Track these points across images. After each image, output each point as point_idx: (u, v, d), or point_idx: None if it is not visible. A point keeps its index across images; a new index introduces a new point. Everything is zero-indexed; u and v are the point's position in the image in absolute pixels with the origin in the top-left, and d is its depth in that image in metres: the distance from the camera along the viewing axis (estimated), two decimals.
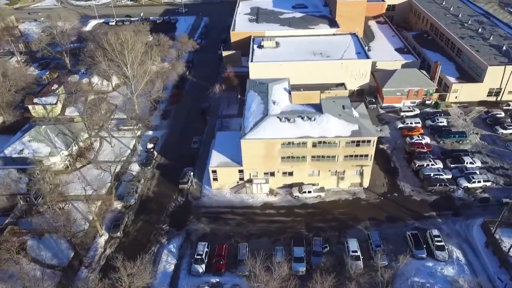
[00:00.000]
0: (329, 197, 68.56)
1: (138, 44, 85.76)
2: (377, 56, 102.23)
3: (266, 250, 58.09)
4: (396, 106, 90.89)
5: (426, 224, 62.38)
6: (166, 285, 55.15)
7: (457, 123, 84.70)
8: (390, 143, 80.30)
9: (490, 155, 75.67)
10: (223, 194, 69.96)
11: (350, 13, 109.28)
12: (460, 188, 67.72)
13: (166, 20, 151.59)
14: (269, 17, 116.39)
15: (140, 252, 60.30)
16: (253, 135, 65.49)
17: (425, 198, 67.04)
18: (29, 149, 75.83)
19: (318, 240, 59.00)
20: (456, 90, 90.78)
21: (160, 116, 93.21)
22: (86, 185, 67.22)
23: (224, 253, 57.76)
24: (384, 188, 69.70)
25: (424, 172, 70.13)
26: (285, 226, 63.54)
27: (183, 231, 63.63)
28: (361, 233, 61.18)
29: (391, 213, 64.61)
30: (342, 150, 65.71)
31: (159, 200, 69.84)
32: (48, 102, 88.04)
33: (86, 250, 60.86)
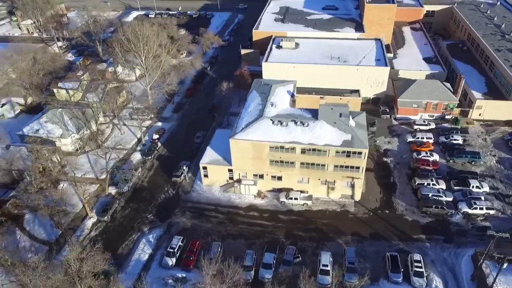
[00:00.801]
0: (316, 206, 66.72)
1: (153, 37, 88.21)
2: (402, 64, 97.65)
3: (238, 252, 58.14)
4: (412, 118, 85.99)
5: (411, 247, 58.72)
6: (137, 273, 56.79)
7: (475, 142, 78.48)
8: (395, 156, 76.33)
9: (504, 180, 69.36)
10: (213, 191, 70.54)
11: (379, 18, 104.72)
12: (459, 213, 62.91)
13: (202, 15, 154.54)
14: (296, 18, 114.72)
15: (121, 238, 63.01)
16: (242, 135, 65.29)
17: (418, 219, 63.05)
18: (44, 130, 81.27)
19: (291, 248, 57.78)
20: (480, 106, 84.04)
21: (172, 108, 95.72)
22: (88, 169, 71.10)
23: (196, 250, 58.41)
24: (377, 204, 66.50)
25: (422, 191, 65.96)
26: (264, 230, 62.87)
27: (165, 223, 65.16)
28: (339, 247, 58.97)
29: (377, 231, 61.58)
30: (332, 160, 63.58)
31: (151, 190, 71.96)
32: (70, 87, 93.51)
33: (74, 230, 64.37)
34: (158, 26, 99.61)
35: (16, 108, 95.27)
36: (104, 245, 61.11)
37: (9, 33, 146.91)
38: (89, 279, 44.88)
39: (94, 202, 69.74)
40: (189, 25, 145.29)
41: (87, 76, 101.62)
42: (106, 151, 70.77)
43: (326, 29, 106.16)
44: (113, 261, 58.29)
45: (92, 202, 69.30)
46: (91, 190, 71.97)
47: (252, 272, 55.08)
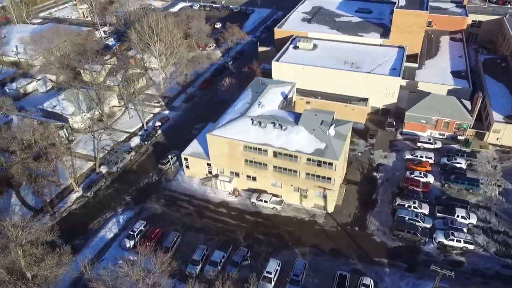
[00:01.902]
0: (285, 211, 65.41)
1: (166, 29, 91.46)
2: (424, 75, 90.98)
3: (194, 245, 59.27)
4: (419, 134, 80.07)
5: (368, 269, 55.38)
6: (97, 250, 60.31)
7: (482, 168, 71.19)
8: (387, 172, 71.91)
9: (500, 215, 62.27)
10: (192, 182, 72.16)
11: (408, 25, 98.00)
12: (433, 242, 57.89)
13: (243, 10, 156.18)
14: (324, 19, 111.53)
15: (96, 214, 67.17)
16: (219, 131, 65.87)
17: (386, 242, 59.14)
18: (60, 106, 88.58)
19: (242, 250, 57.52)
20: (498, 130, 75.78)
21: (184, 99, 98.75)
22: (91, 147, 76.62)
23: (154, 237, 60.45)
24: (349, 219, 63.45)
25: (399, 213, 61.67)
26: (227, 228, 63.14)
27: (139, 206, 68.13)
28: (293, 257, 57.44)
29: (338, 247, 58.89)
30: (303, 167, 61.79)
31: (138, 174, 75.45)
32: (94, 69, 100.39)
33: (59, 201, 69.87)
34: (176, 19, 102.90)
35: (48, 84, 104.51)
36: (80, 218, 66.11)
37: (67, 16, 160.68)
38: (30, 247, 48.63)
39: (84, 178, 74.91)
40: (228, 18, 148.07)
41: (113, 60, 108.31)
42: (100, 132, 75.28)
43: (351, 32, 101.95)
44: (83, 235, 63.13)
45: (82, 178, 74.48)
46: (86, 167, 77.42)
47: (199, 266, 55.80)
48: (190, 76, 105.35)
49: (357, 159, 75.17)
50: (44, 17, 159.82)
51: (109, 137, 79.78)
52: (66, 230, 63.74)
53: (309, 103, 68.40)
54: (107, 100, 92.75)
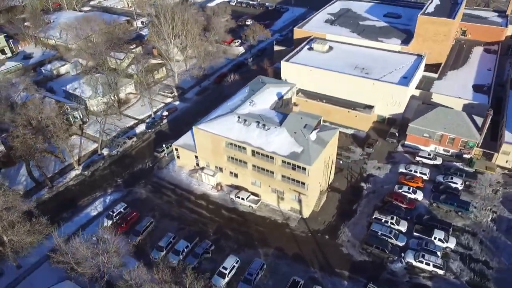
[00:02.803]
0: (261, 211, 65.66)
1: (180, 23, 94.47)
2: (442, 87, 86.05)
3: (163, 232, 61.68)
4: (422, 148, 76.01)
5: (325, 279, 54.25)
6: (78, 225, 64.69)
7: (481, 191, 66.26)
8: (376, 184, 69.37)
9: (485, 243, 57.77)
10: (181, 172, 74.61)
11: (432, 33, 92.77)
12: (402, 262, 55.26)
13: (277, 8, 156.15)
14: (348, 21, 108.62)
15: (88, 192, 71.89)
16: (205, 126, 67.47)
17: (353, 254, 57.40)
18: (80, 89, 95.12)
19: (206, 243, 58.83)
20: (508, 152, 69.88)
21: (197, 91, 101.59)
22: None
23: (130, 220, 63.66)
24: (322, 226, 62.30)
25: (373, 227, 59.48)
26: (200, 220, 64.77)
27: (127, 189, 71.86)
28: (254, 256, 57.71)
29: (302, 253, 58.18)
30: (279, 169, 61.59)
31: (135, 159, 79.41)
32: (117, 57, 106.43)
33: (60, 176, 75.64)
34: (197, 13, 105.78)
35: (78, 68, 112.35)
36: (73, 194, 71.24)
37: (114, 5, 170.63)
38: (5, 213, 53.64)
39: (88, 157, 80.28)
40: (261, 16, 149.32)
41: (139, 50, 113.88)
42: (103, 117, 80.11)
43: (371, 37, 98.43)
44: (71, 210, 68.07)
45: (86, 158, 79.92)
46: (92, 147, 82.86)
47: (163, 253, 58.04)
48: (207, 70, 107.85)
49: (348, 167, 73.20)
50: (93, 5, 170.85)
51: (112, 122, 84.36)
52: (59, 203, 69.54)
53: (296, 105, 67.64)
54: (123, 87, 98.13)
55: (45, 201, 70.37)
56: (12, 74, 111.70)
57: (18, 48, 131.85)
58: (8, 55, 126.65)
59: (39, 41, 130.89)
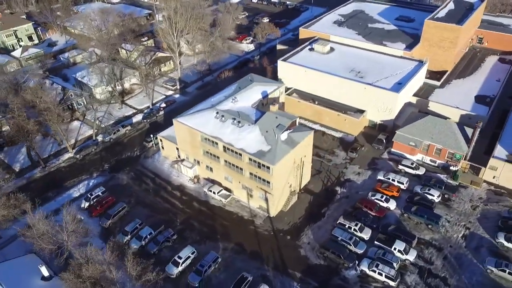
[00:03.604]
0: (230, 206, 66.66)
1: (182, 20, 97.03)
2: (443, 96, 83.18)
3: (134, 218, 64.29)
4: (409, 157, 73.70)
5: (276, 278, 54.44)
6: (60, 204, 68.40)
7: (459, 206, 63.53)
8: (351, 190, 68.29)
9: (450, 259, 55.48)
10: (164, 163, 77.03)
11: (438, 39, 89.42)
12: (356, 270, 54.39)
13: (297, 7, 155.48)
14: (357, 23, 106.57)
15: (76, 174, 75.98)
16: (184, 119, 69.30)
17: (310, 257, 57.11)
18: (87, 77, 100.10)
19: (168, 232, 60.71)
20: (495, 167, 66.34)
21: (198, 86, 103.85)
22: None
23: (105, 204, 66.74)
24: (286, 227, 62.36)
25: (334, 232, 58.87)
26: (171, 209, 66.73)
27: (111, 175, 75.24)
28: (214, 249, 58.87)
29: (260, 250, 58.63)
30: (246, 166, 62.27)
31: (125, 147, 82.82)
32: (127, 48, 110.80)
33: (54, 158, 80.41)
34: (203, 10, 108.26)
35: (93, 57, 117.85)
36: (62, 175, 75.59)
37: None
38: None
39: (83, 142, 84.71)
40: (279, 14, 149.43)
41: (150, 42, 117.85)
42: (97, 105, 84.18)
43: (376, 40, 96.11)
44: (56, 190, 72.32)
45: (81, 142, 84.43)
46: (89, 133, 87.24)
47: (127, 237, 60.60)
48: (213, 65, 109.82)
49: (327, 170, 72.49)
50: None
51: (106, 110, 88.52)
52: (48, 182, 74.10)
53: (274, 105, 67.62)
54: (128, 77, 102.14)
55: (36, 179, 75.25)
56: (33, 60, 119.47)
57: (46, 36, 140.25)
58: (35, 42, 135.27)
59: (65, 30, 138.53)
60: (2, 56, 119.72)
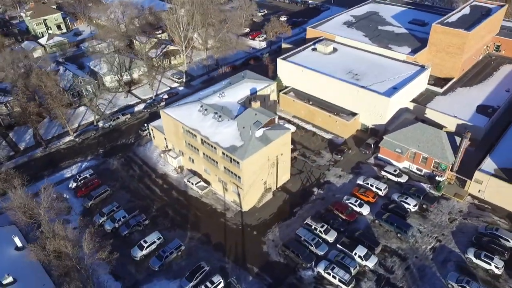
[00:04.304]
0: (207, 198, 68.22)
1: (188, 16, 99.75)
2: (444, 104, 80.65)
3: (113, 201, 67.49)
4: (395, 164, 71.93)
5: (234, 270, 55.41)
6: (52, 182, 72.39)
7: (436, 217, 61.46)
8: (328, 192, 67.79)
9: (412, 270, 53.98)
10: (154, 151, 79.83)
11: (446, 44, 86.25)
12: (313, 271, 54.26)
13: (318, 7, 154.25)
14: (367, 25, 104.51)
15: (72, 156, 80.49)
16: (170, 110, 71.59)
17: (271, 254, 57.53)
18: (99, 66, 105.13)
19: (140, 216, 63.22)
20: (480, 181, 63.43)
21: (203, 80, 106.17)
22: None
23: (90, 186, 70.34)
24: (255, 222, 63.05)
25: (298, 231, 58.98)
26: (149, 196, 69.16)
27: (103, 159, 79.05)
28: (182, 237, 60.70)
29: (225, 242, 59.74)
30: (220, 160, 63.53)
31: (121, 134, 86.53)
32: (140, 40, 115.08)
33: (56, 140, 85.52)
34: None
35: (110, 47, 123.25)
36: (60, 156, 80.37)
37: None
38: None
39: (86, 126, 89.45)
40: (298, 13, 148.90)
41: (164, 35, 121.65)
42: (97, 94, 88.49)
43: (381, 43, 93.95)
44: (52, 169, 77.05)
45: (84, 127, 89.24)
46: (92, 119, 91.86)
47: (103, 218, 63.78)
48: (221, 61, 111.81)
49: (309, 171, 72.30)
50: None
51: (106, 98, 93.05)
52: (46, 162, 79.11)
53: (256, 101, 68.00)
54: (137, 68, 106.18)
55: (36, 158, 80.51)
56: (57, 48, 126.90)
57: (73, 26, 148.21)
58: (63, 31, 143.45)
59: (91, 21, 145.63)
60: (29, 42, 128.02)
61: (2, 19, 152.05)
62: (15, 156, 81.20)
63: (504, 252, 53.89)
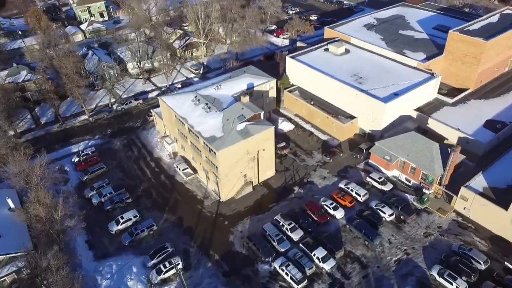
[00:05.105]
0: (191, 185, 70.91)
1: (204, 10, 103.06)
2: (450, 115, 77.48)
3: (107, 177, 72.40)
4: (384, 171, 70.11)
5: (196, 255, 57.59)
6: (60, 155, 79.71)
7: (410, 230, 59.44)
8: (308, 192, 67.81)
9: (370, 278, 52.85)
10: (155, 136, 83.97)
11: (462, 53, 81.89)
12: (270, 265, 55.01)
13: (352, 7, 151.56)
14: (388, 28, 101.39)
15: (82, 134, 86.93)
16: (166, 98, 75.06)
17: (235, 244, 58.94)
18: (124, 53, 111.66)
19: (123, 194, 67.36)
20: (466, 198, 60.18)
21: (218, 73, 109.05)
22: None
23: (89, 161, 75.88)
24: (229, 213, 64.71)
25: (264, 226, 59.83)
26: (140, 177, 73.21)
27: (109, 139, 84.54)
28: (158, 218, 63.98)
29: (195, 228, 62.06)
30: (202, 149, 65.82)
31: (131, 117, 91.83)
32: (167, 31, 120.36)
33: (72, 117, 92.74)
34: None
35: (142, 36, 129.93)
36: (72, 132, 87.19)
37: None
38: None
39: (101, 108, 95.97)
40: (331, 13, 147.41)
41: (191, 28, 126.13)
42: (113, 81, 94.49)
43: (397, 48, 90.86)
44: (62, 143, 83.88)
45: (99, 108, 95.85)
46: (108, 101, 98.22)
47: (93, 193, 68.78)
48: (240, 55, 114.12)
49: (295, 169, 72.54)
50: None
51: (122, 83, 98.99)
52: (59, 137, 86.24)
53: (245, 96, 69.00)
54: (158, 57, 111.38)
55: (52, 132, 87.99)
56: (94, 34, 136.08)
57: (115, 14, 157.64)
58: (105, 18, 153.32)
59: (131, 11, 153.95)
60: (72, 27, 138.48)
61: (53, 5, 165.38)
62: (35, 129, 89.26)
63: (472, 274, 51.11)
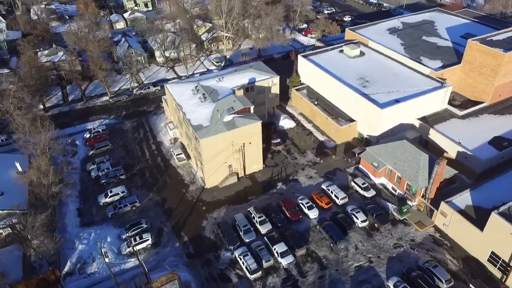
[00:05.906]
0: (182, 169, 74.45)
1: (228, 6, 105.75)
2: (455, 127, 74.02)
3: (111, 154, 78.30)
4: (372, 178, 68.86)
5: (168, 235, 60.95)
6: (78, 130, 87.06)
7: (381, 239, 58.21)
8: (290, 189, 68.50)
9: (325, 280, 52.82)
10: (162, 121, 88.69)
11: (479, 64, 77.28)
12: (232, 253, 56.89)
13: (390, 10, 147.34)
14: (411, 34, 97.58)
15: (100, 113, 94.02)
16: (170, 86, 79.13)
17: (206, 230, 61.41)
18: (153, 42, 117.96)
19: (118, 170, 72.46)
20: (445, 214, 57.67)
21: None
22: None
23: (99, 139, 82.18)
24: (210, 200, 67.30)
25: (236, 216, 61.64)
26: (139, 157, 78.05)
27: (122, 120, 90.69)
28: (145, 196, 68.33)
29: (174, 210, 65.39)
30: (192, 136, 68.87)
31: (147, 102, 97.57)
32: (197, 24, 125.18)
33: (95, 98, 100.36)
34: None
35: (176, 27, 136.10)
36: (92, 110, 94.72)
37: None
38: None
39: (123, 91, 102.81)
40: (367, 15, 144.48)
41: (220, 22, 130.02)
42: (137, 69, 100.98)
43: (413, 54, 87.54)
44: (79, 120, 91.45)
45: (121, 91, 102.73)
46: (130, 85, 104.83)
47: (94, 166, 74.77)
48: (263, 51, 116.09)
49: (283, 166, 73.41)
50: None
51: (143, 70, 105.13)
52: (80, 114, 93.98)
53: (239, 89, 70.56)
54: (185, 47, 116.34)
55: (75, 109, 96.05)
56: (136, 22, 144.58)
57: (159, 5, 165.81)
58: (148, 8, 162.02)
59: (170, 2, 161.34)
60: (116, 15, 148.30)
61: None
62: (62, 105, 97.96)
63: None
